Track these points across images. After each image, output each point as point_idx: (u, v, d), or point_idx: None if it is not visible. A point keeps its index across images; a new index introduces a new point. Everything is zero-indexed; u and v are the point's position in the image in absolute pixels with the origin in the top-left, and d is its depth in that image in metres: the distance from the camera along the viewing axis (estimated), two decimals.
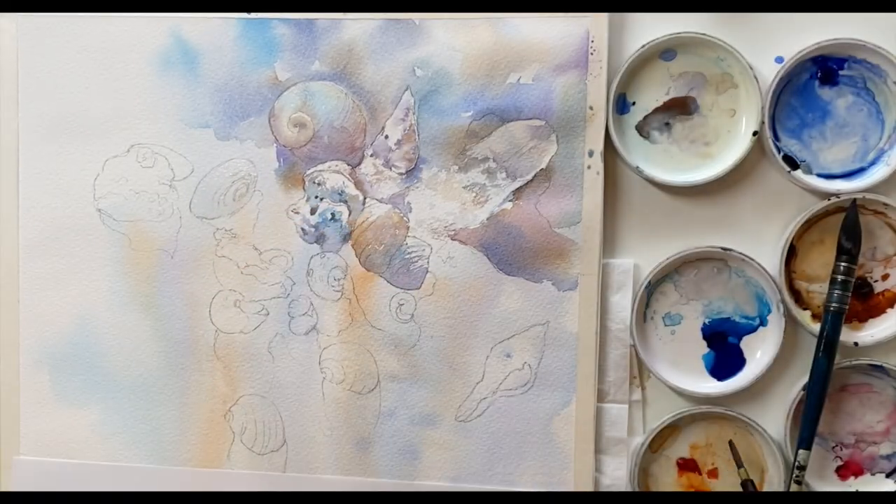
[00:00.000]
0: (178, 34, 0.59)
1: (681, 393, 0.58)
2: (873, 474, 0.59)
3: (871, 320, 0.58)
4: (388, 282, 0.59)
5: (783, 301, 0.57)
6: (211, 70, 0.59)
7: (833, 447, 0.59)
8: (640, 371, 0.59)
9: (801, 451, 0.56)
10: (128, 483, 0.60)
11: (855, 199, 0.56)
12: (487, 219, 0.58)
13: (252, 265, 0.59)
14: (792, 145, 0.58)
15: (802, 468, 0.56)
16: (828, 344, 0.56)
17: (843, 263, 0.56)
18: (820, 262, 0.58)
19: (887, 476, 0.59)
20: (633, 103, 0.58)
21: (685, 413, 0.58)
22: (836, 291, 0.56)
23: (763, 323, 0.59)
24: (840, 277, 0.56)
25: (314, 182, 0.59)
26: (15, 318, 0.60)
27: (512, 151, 0.58)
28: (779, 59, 0.57)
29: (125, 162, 0.60)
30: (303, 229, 0.59)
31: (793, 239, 0.57)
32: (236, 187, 0.59)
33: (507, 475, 0.59)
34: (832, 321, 0.56)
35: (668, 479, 0.60)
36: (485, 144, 0.58)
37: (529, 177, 0.58)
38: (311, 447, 0.60)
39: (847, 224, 0.56)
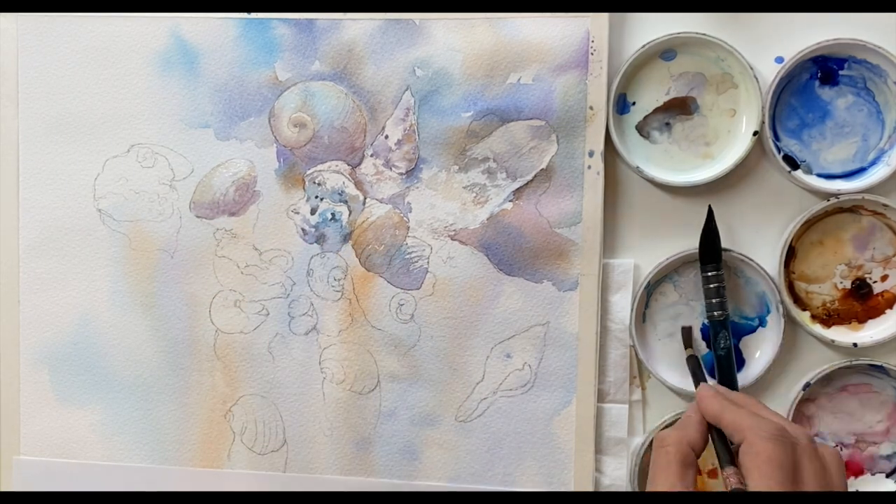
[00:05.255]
0: (178, 34, 0.59)
1: (681, 393, 0.58)
2: (873, 474, 0.59)
3: (870, 321, 0.58)
4: (388, 282, 0.59)
5: (782, 302, 0.57)
6: (211, 70, 0.59)
7: (833, 447, 0.59)
8: (640, 371, 0.59)
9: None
10: (128, 483, 0.60)
11: (710, 206, 0.57)
12: (487, 219, 0.58)
13: (252, 265, 0.59)
14: (792, 145, 0.58)
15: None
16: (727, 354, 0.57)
17: (710, 272, 0.56)
18: (819, 263, 0.58)
19: (887, 476, 0.59)
20: (634, 103, 0.58)
21: None
22: (714, 300, 0.56)
23: (762, 324, 0.59)
24: (713, 286, 0.56)
25: (314, 182, 0.59)
26: (15, 318, 0.60)
27: (512, 151, 0.58)
28: (779, 59, 0.57)
29: (125, 162, 0.60)
30: (303, 229, 0.59)
31: (792, 240, 0.57)
32: (236, 187, 0.59)
33: (507, 475, 0.59)
34: (722, 330, 0.57)
35: None
36: (485, 144, 0.58)
37: (530, 177, 0.58)
38: (312, 447, 0.60)
39: (707, 231, 0.56)
